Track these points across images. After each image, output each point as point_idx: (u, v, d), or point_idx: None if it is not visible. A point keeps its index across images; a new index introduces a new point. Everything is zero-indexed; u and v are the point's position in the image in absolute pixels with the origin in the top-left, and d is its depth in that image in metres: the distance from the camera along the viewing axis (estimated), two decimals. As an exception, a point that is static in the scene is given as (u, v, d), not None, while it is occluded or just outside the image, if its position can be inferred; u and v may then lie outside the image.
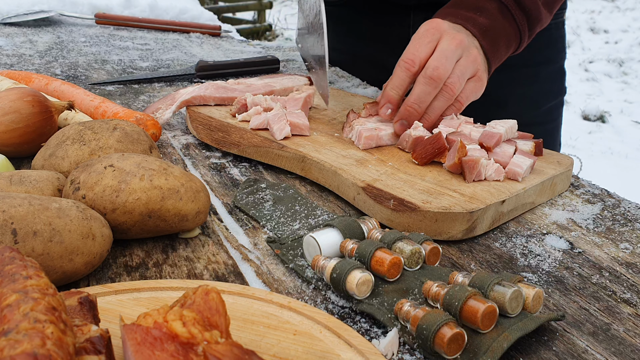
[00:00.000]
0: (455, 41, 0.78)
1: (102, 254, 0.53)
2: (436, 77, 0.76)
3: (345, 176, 0.69)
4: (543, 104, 1.19)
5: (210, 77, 1.22)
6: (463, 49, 0.78)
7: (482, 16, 0.83)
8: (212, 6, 7.19)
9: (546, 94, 1.19)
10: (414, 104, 0.77)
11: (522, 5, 0.85)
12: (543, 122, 1.19)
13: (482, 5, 0.84)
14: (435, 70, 0.76)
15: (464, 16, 0.82)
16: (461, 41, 0.78)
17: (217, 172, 0.78)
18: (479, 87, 0.81)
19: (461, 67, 0.78)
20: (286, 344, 0.43)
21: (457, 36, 0.79)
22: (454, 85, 0.77)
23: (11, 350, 0.29)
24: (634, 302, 0.53)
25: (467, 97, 0.81)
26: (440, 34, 0.79)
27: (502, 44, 0.84)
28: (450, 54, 0.77)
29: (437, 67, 0.76)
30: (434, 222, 0.61)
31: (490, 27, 0.82)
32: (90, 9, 1.83)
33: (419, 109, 0.77)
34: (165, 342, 0.34)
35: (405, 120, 0.77)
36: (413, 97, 0.77)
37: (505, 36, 0.84)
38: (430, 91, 0.77)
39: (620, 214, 0.69)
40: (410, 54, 0.78)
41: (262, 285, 0.54)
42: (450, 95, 0.78)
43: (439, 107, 0.78)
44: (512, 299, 0.47)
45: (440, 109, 0.78)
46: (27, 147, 0.75)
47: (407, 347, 0.46)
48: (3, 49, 1.40)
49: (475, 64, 0.79)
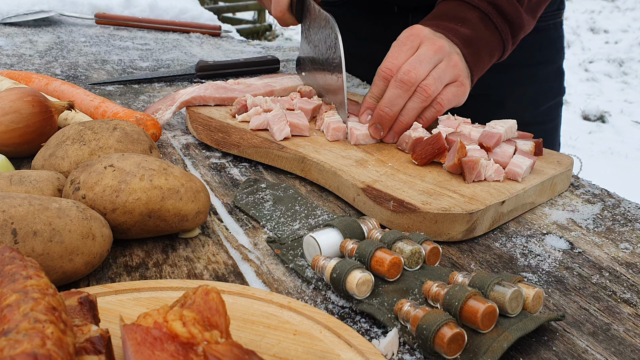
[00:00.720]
0: (435, 47, 0.78)
1: (102, 254, 0.53)
2: (406, 80, 0.76)
3: (345, 177, 0.69)
4: (542, 104, 1.19)
5: (210, 77, 1.22)
6: (443, 55, 0.78)
7: (464, 26, 0.83)
8: (212, 6, 7.19)
9: (545, 94, 1.19)
10: (385, 107, 0.77)
11: (503, 14, 0.85)
12: (542, 121, 1.19)
13: (463, 15, 0.84)
14: (406, 74, 0.76)
15: (446, 27, 0.82)
16: (441, 47, 0.78)
17: (217, 172, 0.78)
18: (460, 92, 0.81)
19: (439, 70, 0.78)
20: (286, 344, 0.43)
21: (437, 42, 0.79)
22: (428, 86, 0.77)
23: (11, 350, 0.29)
24: (634, 302, 0.53)
25: (448, 99, 0.80)
26: (420, 40, 0.79)
27: (485, 53, 0.84)
28: (425, 59, 0.77)
29: (408, 71, 0.76)
30: (434, 223, 0.61)
31: (472, 37, 0.82)
32: (90, 9, 1.84)
33: (390, 112, 0.77)
34: (165, 342, 0.34)
35: (379, 124, 0.77)
36: (384, 101, 0.77)
37: (488, 45, 0.84)
38: (401, 94, 0.76)
39: (620, 214, 0.69)
40: (389, 62, 0.79)
41: (262, 285, 0.54)
42: (424, 96, 0.77)
43: (413, 108, 0.77)
44: (512, 299, 0.47)
45: (414, 110, 0.77)
46: (27, 147, 0.75)
47: (407, 347, 0.46)
48: (3, 49, 1.40)
49: (455, 69, 0.79)
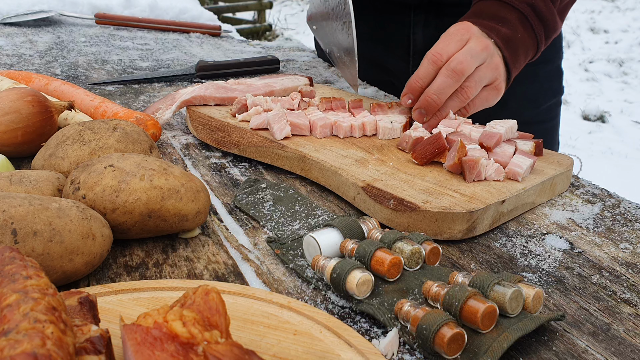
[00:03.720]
0: (483, 44, 0.79)
1: (102, 254, 0.53)
2: (459, 70, 0.77)
3: (345, 176, 0.69)
4: (542, 103, 1.19)
5: (210, 77, 1.22)
6: (488, 55, 0.80)
7: (504, 26, 0.84)
8: (212, 6, 7.19)
9: (545, 93, 1.19)
10: (434, 94, 0.78)
11: (540, 16, 0.86)
12: (542, 120, 1.20)
13: (503, 15, 0.85)
14: (459, 64, 0.77)
15: (488, 25, 0.83)
16: (487, 46, 0.80)
17: (217, 172, 0.78)
18: (493, 95, 0.83)
19: (481, 72, 0.79)
20: (286, 344, 0.43)
21: (485, 41, 0.80)
22: (470, 89, 0.79)
23: (11, 350, 0.29)
24: (634, 302, 0.53)
25: (476, 105, 0.82)
26: (470, 36, 0.81)
27: (522, 53, 0.85)
28: (476, 54, 0.78)
29: (461, 62, 0.77)
30: (434, 222, 0.61)
31: (512, 37, 0.83)
32: (90, 9, 1.83)
33: (438, 100, 0.78)
34: (165, 342, 0.34)
35: (424, 110, 0.78)
36: (434, 87, 0.78)
37: (525, 46, 0.85)
38: (452, 84, 0.78)
39: (620, 214, 0.69)
40: (440, 48, 0.79)
41: (262, 285, 0.54)
42: (464, 98, 0.79)
43: (453, 106, 0.80)
44: (512, 299, 0.47)
45: (453, 107, 0.80)
46: (27, 147, 0.75)
47: (407, 347, 0.46)
48: (3, 49, 1.40)
49: (495, 72, 0.81)
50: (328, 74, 1.32)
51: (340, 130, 0.80)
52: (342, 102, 0.88)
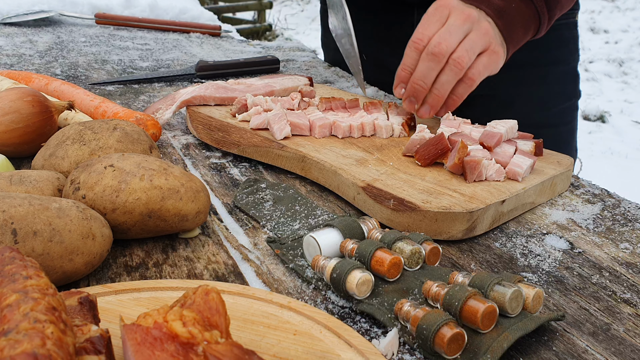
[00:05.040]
0: (463, 15, 0.76)
1: (102, 254, 0.53)
2: (437, 52, 0.75)
3: (345, 176, 0.69)
4: (554, 106, 1.15)
5: (210, 77, 1.22)
6: (472, 23, 0.77)
7: None
8: (212, 6, 7.19)
9: (557, 96, 1.15)
10: (419, 80, 0.76)
11: None
12: (556, 124, 1.15)
13: None
14: (437, 46, 0.75)
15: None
16: (469, 15, 0.77)
17: (217, 172, 0.78)
18: (493, 60, 0.79)
19: (470, 40, 0.76)
20: (286, 344, 0.43)
21: (466, 11, 0.77)
22: (461, 58, 0.75)
23: (11, 350, 0.29)
24: (634, 302, 0.53)
25: (479, 72, 0.78)
26: (449, 11, 0.78)
27: (519, 25, 0.81)
28: (455, 29, 0.76)
29: (439, 43, 0.75)
30: (434, 222, 0.61)
31: (504, 7, 0.79)
32: (90, 9, 1.83)
33: (424, 85, 0.76)
34: (165, 342, 0.34)
35: (413, 97, 0.77)
36: (416, 74, 0.77)
37: (522, 17, 0.81)
38: (434, 67, 0.75)
39: (620, 214, 0.69)
40: (419, 33, 0.78)
41: (262, 285, 0.54)
42: (457, 69, 0.76)
43: (447, 82, 0.76)
44: (512, 299, 0.47)
45: (448, 84, 0.77)
46: (27, 147, 0.75)
47: (407, 347, 0.46)
48: (3, 49, 1.40)
49: (486, 36, 0.77)
50: (328, 74, 1.32)
51: (339, 130, 0.80)
52: (341, 102, 0.88)
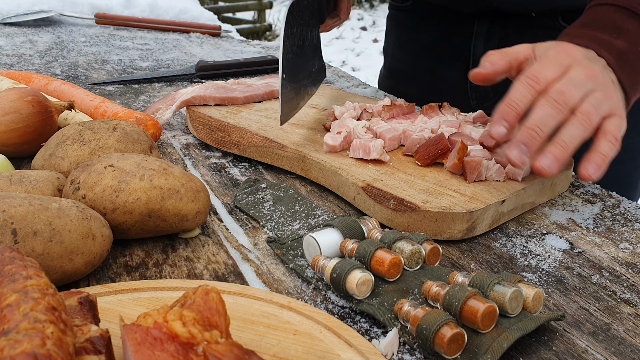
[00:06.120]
0: (587, 72, 0.66)
1: (102, 254, 0.53)
2: (561, 101, 0.63)
3: (345, 176, 0.69)
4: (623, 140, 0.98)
5: (210, 77, 1.22)
6: (596, 84, 0.66)
7: (620, 38, 0.69)
8: (212, 6, 7.19)
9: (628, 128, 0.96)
10: (536, 126, 0.62)
11: None
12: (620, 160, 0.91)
13: (620, 25, 0.70)
14: (560, 95, 0.63)
15: (598, 39, 0.70)
16: (594, 74, 0.66)
17: (217, 172, 0.78)
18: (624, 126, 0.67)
19: (596, 99, 0.65)
20: (286, 344, 0.43)
21: (590, 67, 0.66)
22: (590, 114, 0.63)
23: (11, 350, 0.29)
24: (634, 302, 0.53)
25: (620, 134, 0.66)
26: (571, 61, 0.67)
27: None
28: (580, 83, 0.65)
29: (562, 92, 0.63)
30: (434, 222, 0.61)
31: (629, 52, 0.69)
32: (90, 9, 1.83)
33: (541, 132, 0.62)
34: (165, 342, 0.34)
35: (525, 145, 0.62)
36: (535, 118, 0.63)
37: None
38: (554, 115, 0.63)
39: (620, 214, 0.69)
40: (536, 71, 0.66)
41: (262, 285, 0.54)
42: (587, 123, 0.63)
43: (576, 135, 0.63)
44: (512, 299, 0.47)
45: (576, 138, 0.63)
46: (27, 147, 0.75)
47: (407, 347, 0.46)
48: (3, 49, 1.40)
49: (611, 101, 0.66)
50: (328, 73, 1.32)
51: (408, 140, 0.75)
52: (402, 108, 0.86)
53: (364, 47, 6.51)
